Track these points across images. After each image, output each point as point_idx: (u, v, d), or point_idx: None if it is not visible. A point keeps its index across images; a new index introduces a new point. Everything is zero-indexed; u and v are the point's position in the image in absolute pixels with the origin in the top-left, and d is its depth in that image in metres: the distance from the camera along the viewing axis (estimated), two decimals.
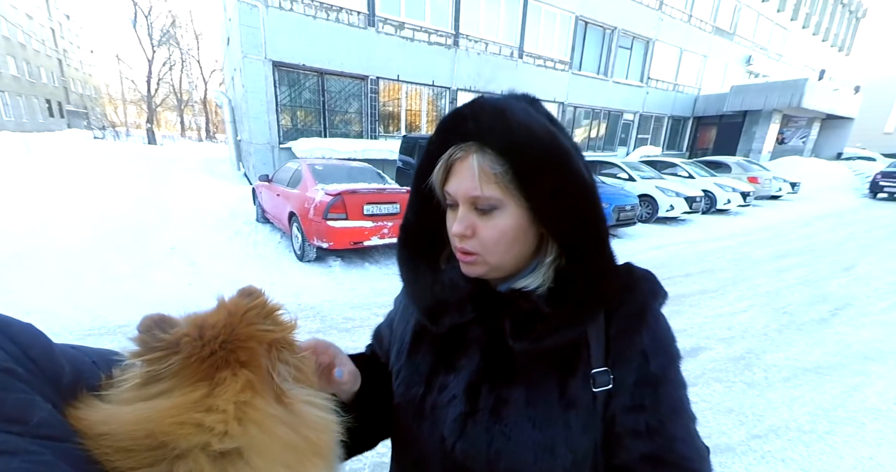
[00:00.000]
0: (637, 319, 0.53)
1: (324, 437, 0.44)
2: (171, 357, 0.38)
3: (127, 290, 3.88)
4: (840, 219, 9.69)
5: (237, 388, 0.38)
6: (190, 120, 43.20)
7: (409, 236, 0.63)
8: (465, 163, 0.51)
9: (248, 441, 0.36)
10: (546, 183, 0.49)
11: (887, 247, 6.85)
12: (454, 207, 0.54)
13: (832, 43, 25.30)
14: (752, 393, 2.67)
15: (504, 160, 0.49)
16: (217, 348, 0.40)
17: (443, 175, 0.54)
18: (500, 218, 0.51)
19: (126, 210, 6.27)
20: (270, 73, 8.39)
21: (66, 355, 0.40)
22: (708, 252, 6.26)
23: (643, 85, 16.14)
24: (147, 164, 11.60)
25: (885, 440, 2.26)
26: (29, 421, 0.30)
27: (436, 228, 0.60)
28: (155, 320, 0.40)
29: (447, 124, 0.53)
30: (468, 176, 0.50)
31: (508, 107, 0.49)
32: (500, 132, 0.48)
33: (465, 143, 0.51)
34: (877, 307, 4.17)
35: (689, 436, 0.51)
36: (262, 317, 0.46)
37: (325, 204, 4.45)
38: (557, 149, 0.49)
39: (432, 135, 0.55)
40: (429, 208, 0.59)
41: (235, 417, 0.36)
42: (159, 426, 0.33)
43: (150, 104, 28.94)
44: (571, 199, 0.50)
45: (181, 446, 0.33)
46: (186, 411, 0.35)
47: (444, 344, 0.59)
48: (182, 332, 0.40)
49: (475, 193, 0.50)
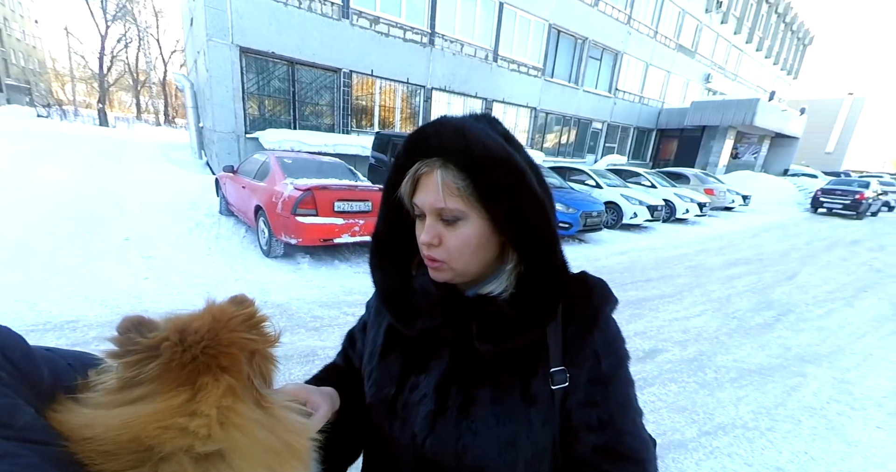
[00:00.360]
0: (590, 323, 0.58)
1: (301, 440, 0.46)
2: (150, 361, 0.39)
3: (75, 283, 3.61)
4: (785, 231, 10.45)
5: (219, 393, 0.39)
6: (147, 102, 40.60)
7: (380, 244, 0.66)
8: (430, 177, 0.55)
9: (229, 444, 0.37)
10: (503, 197, 0.53)
11: (825, 258, 7.46)
12: (422, 217, 0.58)
13: (782, 66, 27.21)
14: (704, 393, 2.83)
15: (465, 176, 0.53)
16: (198, 353, 0.41)
17: (411, 188, 0.58)
18: (463, 228, 0.55)
19: (74, 196, 5.83)
20: (237, 59, 8.04)
21: (44, 358, 0.40)
22: (667, 259, 6.58)
23: (611, 96, 16.74)
24: (98, 147, 10.85)
25: (818, 435, 2.46)
26: (14, 425, 0.30)
27: (406, 237, 0.63)
28: (133, 323, 0.40)
29: (413, 141, 0.57)
30: (433, 189, 0.54)
31: (468, 127, 0.53)
32: (460, 150, 0.52)
33: (429, 158, 0.55)
34: (814, 314, 4.53)
35: (635, 429, 0.57)
36: (247, 326, 0.47)
37: (295, 199, 4.32)
38: (513, 167, 0.53)
39: (400, 150, 0.59)
40: (399, 218, 0.63)
41: (218, 421, 0.37)
42: (144, 431, 0.34)
43: (102, 83, 27.03)
44: (526, 212, 0.54)
45: (165, 449, 0.34)
46: (170, 415, 0.36)
47: (414, 347, 0.63)
48: (162, 336, 0.40)
49: (440, 205, 0.54)
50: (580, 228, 6.96)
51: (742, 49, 22.78)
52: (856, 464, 2.24)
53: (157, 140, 15.79)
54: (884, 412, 2.76)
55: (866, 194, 13.63)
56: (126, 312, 3.01)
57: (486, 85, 12.30)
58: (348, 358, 0.78)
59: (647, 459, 0.57)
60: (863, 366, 3.38)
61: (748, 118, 16.11)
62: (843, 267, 6.83)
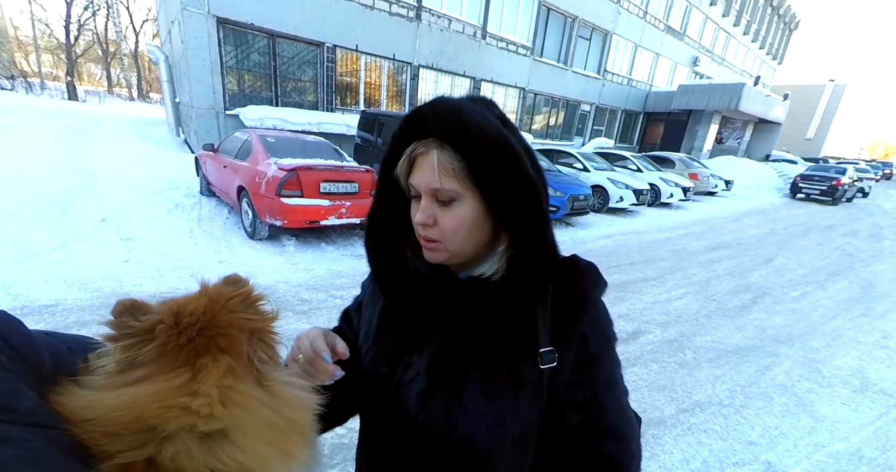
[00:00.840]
0: (578, 305, 0.59)
1: (303, 415, 0.47)
2: (146, 344, 0.39)
3: (52, 266, 3.49)
4: (764, 216, 10.73)
5: (219, 373, 0.40)
6: (118, 75, 38.54)
7: (375, 225, 0.67)
8: (426, 158, 0.55)
9: (232, 422, 0.38)
10: (497, 179, 0.54)
11: (801, 242, 7.71)
12: (418, 198, 0.58)
13: (767, 51, 27.36)
14: (683, 372, 2.94)
15: (461, 157, 0.54)
16: (195, 335, 0.41)
17: (406, 168, 0.58)
18: (458, 209, 0.56)
19: (45, 175, 5.58)
20: (214, 31, 7.65)
21: (44, 343, 0.40)
22: (651, 243, 6.71)
23: (600, 77, 16.62)
24: (69, 122, 10.33)
25: (789, 412, 2.59)
26: (17, 409, 0.31)
27: (401, 219, 0.63)
28: (126, 307, 0.41)
29: (410, 121, 0.57)
30: (428, 170, 0.55)
31: (465, 108, 0.54)
32: (456, 131, 0.53)
33: (426, 139, 0.55)
34: (789, 296, 4.71)
35: (619, 407, 0.60)
36: (244, 306, 0.47)
37: (279, 180, 4.21)
38: (508, 149, 0.53)
39: (396, 130, 0.59)
40: (394, 199, 0.63)
41: (220, 400, 0.38)
42: (146, 411, 0.35)
43: (70, 54, 25.50)
44: (518, 195, 0.55)
45: (168, 428, 0.35)
46: (171, 395, 0.37)
47: (408, 327, 0.64)
48: (156, 319, 0.41)
49: (435, 185, 0.55)
50: (567, 212, 7.01)
51: (729, 32, 22.75)
52: (822, 438, 2.38)
53: (130, 115, 15.10)
54: (849, 389, 2.92)
55: (843, 181, 14.01)
56: (107, 295, 2.92)
57: (474, 63, 12.04)
58: (344, 336, 0.78)
59: (629, 435, 0.60)
60: (832, 346, 3.55)
61: (734, 103, 16.23)
62: (818, 251, 7.08)
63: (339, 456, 1.92)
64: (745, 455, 2.18)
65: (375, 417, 0.66)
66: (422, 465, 0.60)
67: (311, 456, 0.47)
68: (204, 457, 0.35)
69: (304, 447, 0.45)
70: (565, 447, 0.60)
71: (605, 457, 0.58)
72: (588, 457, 0.58)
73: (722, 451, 2.20)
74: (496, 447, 0.57)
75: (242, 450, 0.38)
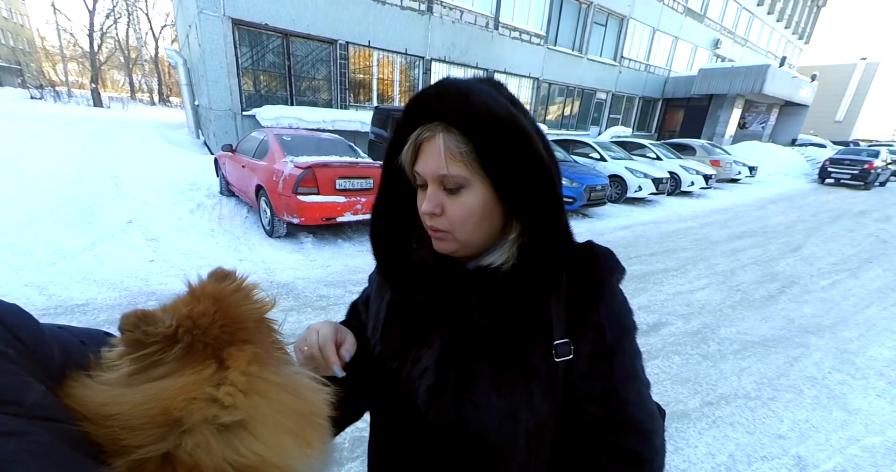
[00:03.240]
0: (594, 293, 0.56)
1: (319, 403, 0.47)
2: (170, 348, 0.39)
3: (83, 267, 3.63)
4: (791, 203, 10.33)
5: (245, 360, 0.40)
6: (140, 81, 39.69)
7: (380, 216, 0.64)
8: (432, 143, 0.53)
9: (252, 412, 0.38)
10: (507, 163, 0.51)
11: (831, 230, 7.40)
12: (424, 186, 0.56)
13: (793, 30, 26.15)
14: (707, 364, 2.87)
15: (468, 140, 0.51)
16: (218, 332, 0.41)
17: (412, 155, 0.56)
18: (466, 196, 0.54)
19: (73, 179, 5.79)
20: (230, 32, 7.78)
21: (55, 336, 0.40)
22: (671, 233, 6.54)
23: (616, 64, 16.21)
24: (94, 128, 10.70)
25: (820, 404, 2.50)
26: (24, 402, 0.30)
27: (407, 209, 0.61)
28: (139, 317, 0.40)
29: (414, 104, 0.54)
30: (435, 155, 0.52)
31: (472, 89, 0.51)
32: (463, 113, 0.50)
33: (431, 123, 0.53)
34: (818, 285, 4.53)
35: (640, 400, 0.57)
36: (245, 297, 0.48)
37: (295, 177, 4.27)
38: (518, 131, 0.51)
39: (401, 116, 0.56)
40: (399, 189, 0.61)
41: (242, 389, 0.38)
42: (173, 403, 0.35)
43: (94, 62, 26.36)
44: (530, 178, 0.52)
45: (192, 420, 0.35)
46: (199, 386, 0.37)
47: (416, 321, 0.62)
48: (175, 324, 0.40)
49: (442, 171, 0.52)
50: (584, 203, 6.90)
51: (753, 12, 21.82)
52: (856, 432, 2.29)
53: (152, 120, 15.54)
54: (885, 380, 2.80)
55: (875, 164, 13.36)
56: (135, 294, 3.02)
57: (486, 54, 11.90)
58: (352, 328, 0.77)
59: (651, 429, 0.57)
60: (865, 336, 3.41)
61: (757, 86, 15.61)
62: (849, 238, 6.78)
63: (359, 449, 1.95)
64: (774, 449, 2.11)
65: (385, 412, 0.65)
66: (433, 462, 0.59)
67: (328, 447, 0.47)
68: (223, 450, 0.35)
69: (322, 436, 0.45)
70: (584, 442, 0.57)
71: (626, 453, 0.56)
72: (608, 453, 0.56)
73: (749, 445, 2.14)
74: (510, 443, 0.55)
75: (262, 441, 0.37)
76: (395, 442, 0.63)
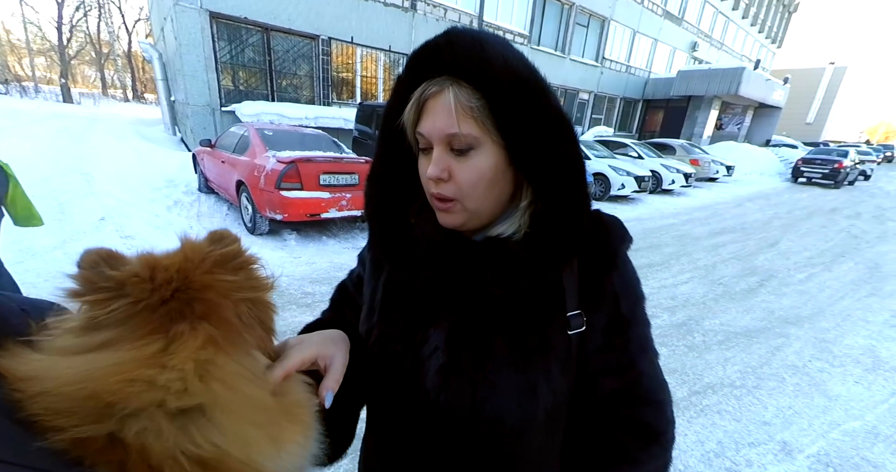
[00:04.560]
0: (607, 263, 0.54)
1: (301, 402, 0.42)
2: (115, 301, 0.33)
3: (52, 265, 3.46)
4: (767, 200, 10.66)
5: (197, 344, 0.34)
6: (112, 76, 38.28)
7: (376, 188, 0.59)
8: (439, 99, 0.48)
9: (211, 398, 0.33)
10: (523, 119, 0.47)
11: (805, 226, 7.65)
12: (427, 151, 0.51)
13: (766, 34, 27.04)
14: (693, 355, 2.91)
15: (480, 95, 0.46)
16: (168, 295, 0.35)
17: (415, 115, 0.50)
18: (477, 158, 0.49)
19: (42, 177, 5.53)
20: (207, 26, 7.56)
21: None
22: (655, 229, 6.66)
23: (598, 65, 16.45)
24: (64, 124, 10.26)
25: (802, 391, 2.56)
26: None
27: (405, 180, 0.57)
28: (102, 256, 0.35)
29: (419, 57, 0.49)
30: (444, 113, 0.47)
31: (486, 38, 0.47)
32: (477, 64, 0.45)
33: (439, 77, 0.48)
34: (795, 278, 4.67)
35: (653, 370, 0.56)
36: (228, 268, 0.40)
37: (278, 173, 4.16)
38: (538, 85, 0.47)
39: (401, 72, 0.52)
40: (397, 157, 0.56)
41: (196, 374, 0.33)
42: (103, 385, 0.29)
43: (63, 56, 25.38)
44: (549, 137, 0.48)
45: (130, 406, 0.30)
46: (136, 367, 0.31)
47: (420, 299, 0.57)
48: (131, 271, 0.35)
49: (452, 130, 0.47)
50: None
51: (728, 16, 22.47)
52: (837, 416, 2.35)
53: (126, 116, 15.01)
54: (861, 367, 2.89)
55: (845, 163, 13.90)
56: None
57: None
58: (341, 310, 0.73)
59: (664, 400, 0.56)
60: (842, 326, 3.52)
61: (733, 87, 16.07)
62: (823, 234, 7.03)
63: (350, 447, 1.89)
64: (760, 435, 2.15)
65: (387, 401, 0.59)
66: (444, 451, 0.54)
67: (308, 450, 0.41)
68: (175, 436, 0.31)
69: (300, 437, 0.40)
70: (597, 418, 0.55)
71: (641, 426, 0.55)
72: (624, 427, 0.54)
73: (736, 432, 2.17)
74: (529, 424, 0.52)
75: (221, 430, 0.33)
76: (399, 433, 0.58)
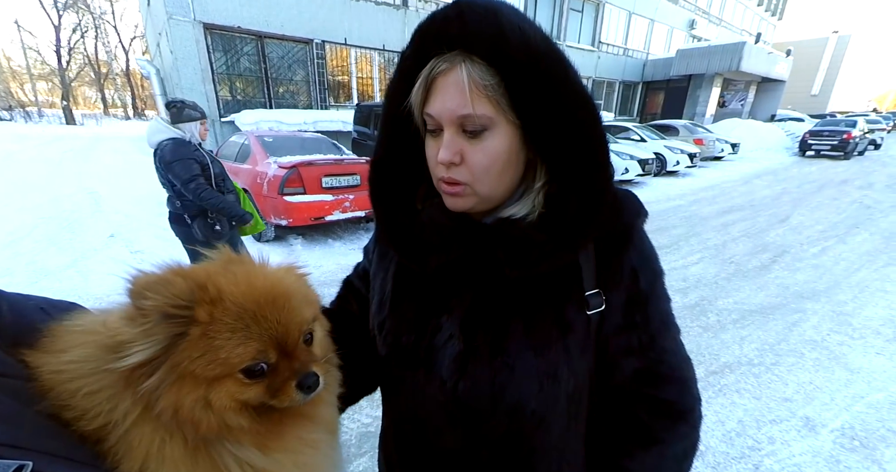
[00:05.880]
0: (624, 238, 0.52)
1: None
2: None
3: (66, 284, 3.52)
4: (775, 176, 10.46)
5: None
6: (112, 96, 38.80)
7: (381, 173, 0.57)
8: (449, 77, 0.44)
9: None
10: (543, 98, 0.43)
11: (816, 199, 7.50)
12: (436, 132, 0.48)
13: (766, 7, 26.45)
14: (708, 335, 2.87)
15: (495, 71, 0.43)
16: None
17: (422, 95, 0.47)
18: (490, 140, 0.46)
19: (52, 198, 5.63)
20: (202, 37, 7.60)
21: (5, 298, 0.39)
22: (661, 212, 6.58)
23: (595, 49, 16.23)
24: (69, 146, 10.43)
25: (821, 366, 2.52)
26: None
27: (410, 163, 0.54)
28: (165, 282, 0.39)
29: (426, 30, 0.45)
30: (455, 92, 0.44)
31: (500, 10, 0.43)
32: (491, 37, 0.42)
33: (448, 52, 0.44)
34: (809, 253, 4.58)
35: (676, 347, 0.54)
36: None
37: (280, 178, 4.18)
38: (555, 58, 0.44)
39: (406, 48, 0.48)
40: (401, 140, 0.53)
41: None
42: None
43: (64, 78, 25.75)
44: (569, 116, 0.45)
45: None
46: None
47: (431, 286, 0.55)
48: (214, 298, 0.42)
49: (465, 111, 0.44)
50: None
51: None
52: (859, 389, 2.30)
53: (128, 134, 15.19)
54: (882, 338, 2.83)
55: (853, 134, 13.57)
56: None
57: None
58: (346, 303, 0.73)
59: (689, 377, 0.55)
60: (859, 298, 3.45)
61: (734, 64, 15.75)
62: (834, 206, 6.88)
63: (367, 445, 1.90)
64: (782, 412, 2.12)
65: (404, 393, 0.58)
66: (463, 441, 0.53)
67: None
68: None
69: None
70: (619, 400, 0.53)
71: (666, 405, 0.53)
72: (648, 407, 0.52)
73: (757, 409, 2.14)
74: (551, 408, 0.50)
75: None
76: (417, 426, 0.57)
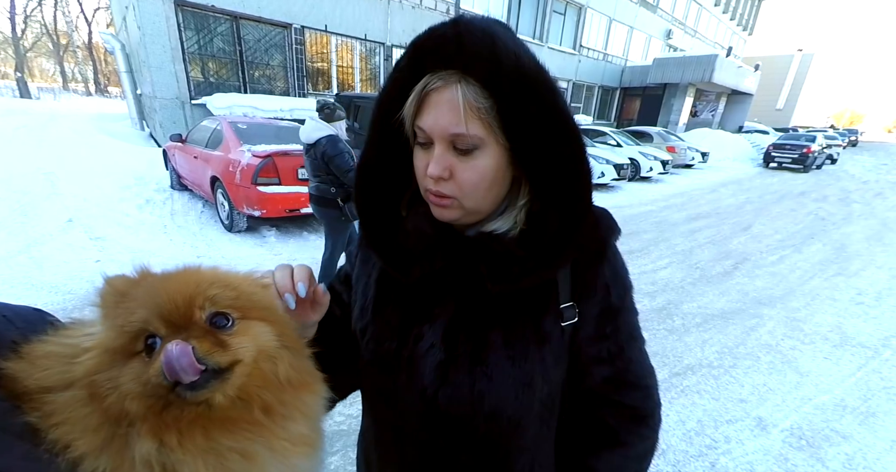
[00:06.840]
0: (599, 254, 0.55)
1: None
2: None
3: (17, 270, 3.30)
4: (740, 185, 10.96)
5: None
6: (73, 69, 36.45)
7: (367, 178, 0.56)
8: (443, 95, 0.45)
9: None
10: (532, 123, 0.45)
11: (776, 209, 7.91)
12: (426, 145, 0.49)
13: (738, 22, 27.56)
14: (673, 338, 2.99)
15: (489, 94, 0.44)
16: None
17: (415, 108, 0.48)
18: (480, 159, 0.47)
19: (2, 177, 5.23)
20: (172, 14, 7.22)
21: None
22: (634, 216, 6.78)
23: (576, 53, 16.49)
24: (23, 121, 9.68)
25: (775, 369, 2.67)
26: None
27: (397, 169, 0.54)
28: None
29: (424, 47, 0.46)
30: (449, 110, 0.45)
31: (497, 33, 0.44)
32: (487, 61, 0.43)
33: (444, 71, 0.45)
34: (768, 261, 4.84)
35: (641, 357, 0.58)
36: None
37: (254, 167, 4.04)
38: (548, 85, 0.46)
39: (402, 58, 0.49)
40: (390, 145, 0.53)
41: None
42: None
43: (18, 48, 23.97)
44: (556, 141, 0.47)
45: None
46: None
47: (414, 295, 0.56)
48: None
49: (458, 130, 0.45)
50: None
51: (702, 4, 22.80)
52: (808, 392, 2.46)
53: (89, 112, 14.29)
54: (829, 344, 3.03)
55: (813, 148, 14.37)
56: (80, 297, 2.74)
57: None
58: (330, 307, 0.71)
59: (651, 385, 0.59)
60: (811, 305, 3.67)
61: (707, 75, 16.37)
62: (792, 217, 7.29)
63: (339, 443, 1.88)
64: (738, 413, 2.24)
65: (384, 399, 0.59)
66: (442, 445, 0.55)
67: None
68: None
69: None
70: (587, 404, 0.57)
71: (629, 409, 0.57)
72: (614, 412, 0.57)
73: (715, 410, 2.25)
74: (526, 414, 0.53)
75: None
76: (397, 431, 0.58)
